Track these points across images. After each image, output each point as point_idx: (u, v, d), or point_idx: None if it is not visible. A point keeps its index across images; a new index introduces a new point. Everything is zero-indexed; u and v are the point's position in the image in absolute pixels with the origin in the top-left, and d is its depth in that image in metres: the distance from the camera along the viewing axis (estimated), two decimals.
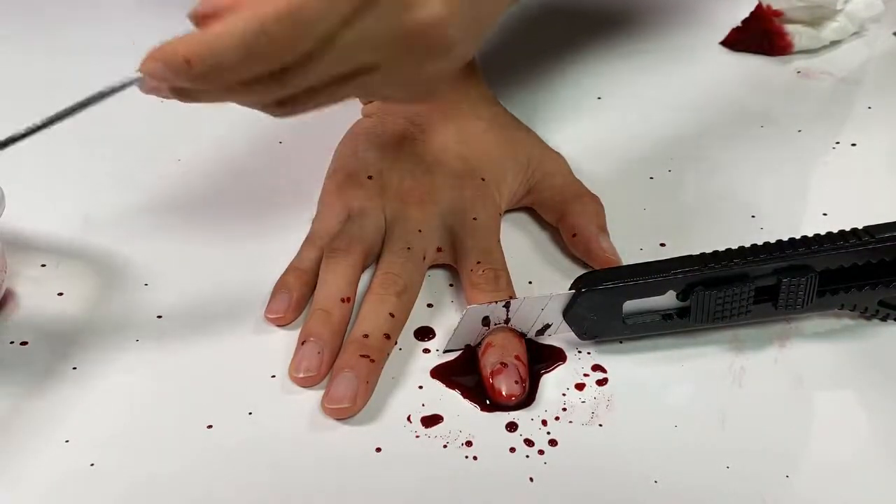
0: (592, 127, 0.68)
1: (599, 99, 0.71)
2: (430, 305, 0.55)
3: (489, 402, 0.50)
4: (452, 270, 0.57)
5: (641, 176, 0.64)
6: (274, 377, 0.51)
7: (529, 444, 0.48)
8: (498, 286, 0.54)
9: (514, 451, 0.48)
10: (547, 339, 0.53)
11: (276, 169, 0.65)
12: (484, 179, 0.58)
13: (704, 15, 0.79)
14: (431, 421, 0.49)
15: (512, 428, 0.49)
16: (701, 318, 0.51)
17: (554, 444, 0.48)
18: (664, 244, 0.58)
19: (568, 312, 0.51)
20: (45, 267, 0.57)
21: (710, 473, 0.47)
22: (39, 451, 0.48)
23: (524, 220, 0.61)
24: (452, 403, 0.50)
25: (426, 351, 0.53)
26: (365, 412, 0.49)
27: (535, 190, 0.60)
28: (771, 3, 0.75)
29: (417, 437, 0.49)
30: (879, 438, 0.49)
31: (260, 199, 0.62)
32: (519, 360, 0.51)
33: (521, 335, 0.52)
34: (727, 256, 0.50)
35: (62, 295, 0.55)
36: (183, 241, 0.59)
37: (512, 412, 0.49)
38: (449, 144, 0.59)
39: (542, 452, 0.48)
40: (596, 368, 0.52)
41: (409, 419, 0.49)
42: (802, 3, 0.74)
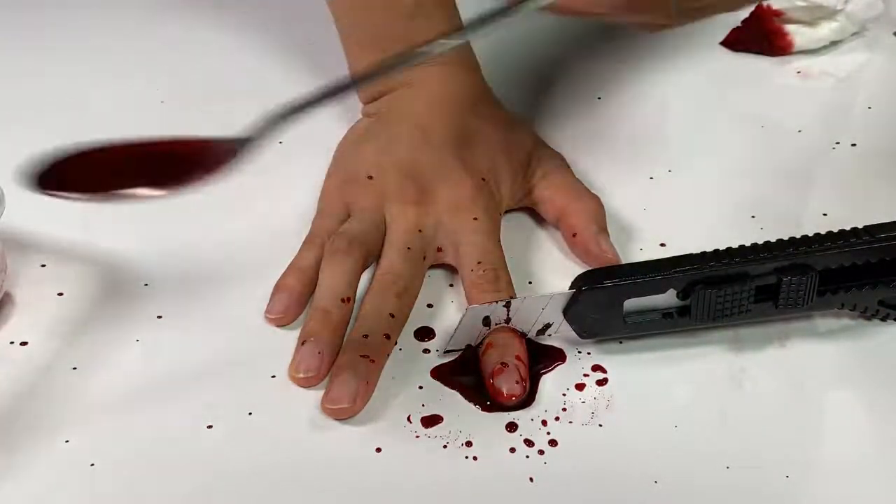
0: (592, 127, 0.68)
1: (599, 99, 0.71)
2: (430, 305, 0.55)
3: (489, 402, 0.50)
4: (452, 270, 0.57)
5: (641, 176, 0.64)
6: (274, 377, 0.51)
7: (529, 444, 0.48)
8: (498, 286, 0.53)
9: (514, 451, 0.48)
10: (547, 339, 0.53)
11: (275, 169, 0.64)
12: (484, 179, 0.58)
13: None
14: (431, 421, 0.49)
15: (512, 428, 0.49)
16: (701, 316, 0.51)
17: (554, 444, 0.48)
18: (664, 244, 0.58)
19: (568, 311, 0.51)
20: (45, 267, 0.57)
21: (710, 473, 0.47)
22: (39, 451, 0.48)
23: (524, 220, 0.61)
24: (452, 403, 0.50)
25: (426, 351, 0.53)
26: (365, 412, 0.49)
27: (535, 190, 0.60)
28: (771, 3, 0.75)
29: (417, 437, 0.48)
30: (880, 438, 0.49)
31: (260, 199, 0.62)
32: (519, 360, 0.51)
33: (521, 335, 0.52)
34: (727, 255, 0.50)
35: (62, 295, 0.55)
36: (183, 241, 0.59)
37: (512, 412, 0.49)
38: (449, 144, 0.59)
39: (542, 453, 0.48)
40: (596, 368, 0.52)
41: (409, 419, 0.49)
42: (802, 2, 0.74)
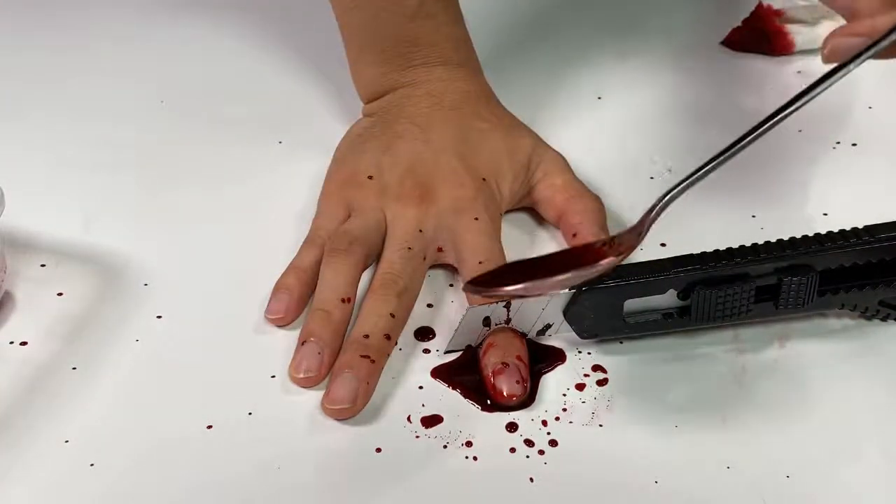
0: (592, 127, 0.68)
1: (599, 99, 0.71)
2: (430, 305, 0.55)
3: (490, 402, 0.50)
4: (453, 270, 0.57)
5: (641, 176, 0.64)
6: (274, 377, 0.51)
7: (529, 444, 0.48)
8: None
9: (514, 451, 0.48)
10: (547, 339, 0.53)
11: (276, 169, 0.64)
12: (485, 179, 0.58)
13: (704, 15, 0.79)
14: (431, 421, 0.49)
15: (512, 428, 0.49)
16: (701, 317, 0.51)
17: (554, 444, 0.48)
18: (664, 244, 0.58)
19: (568, 311, 0.51)
20: (45, 267, 0.57)
21: (710, 473, 0.47)
22: (39, 451, 0.48)
23: (524, 220, 0.61)
24: (452, 403, 0.50)
25: (426, 351, 0.53)
26: (365, 412, 0.49)
27: (535, 190, 0.60)
28: (771, 2, 0.75)
29: (417, 437, 0.48)
30: (880, 438, 0.49)
31: (260, 199, 0.62)
32: (520, 360, 0.51)
33: (521, 335, 0.52)
34: (728, 256, 0.50)
35: (62, 295, 0.55)
36: (183, 241, 0.59)
37: (512, 412, 0.49)
38: (449, 144, 0.59)
39: (542, 453, 0.48)
40: (596, 368, 0.52)
41: (409, 419, 0.49)
42: (803, 2, 0.74)
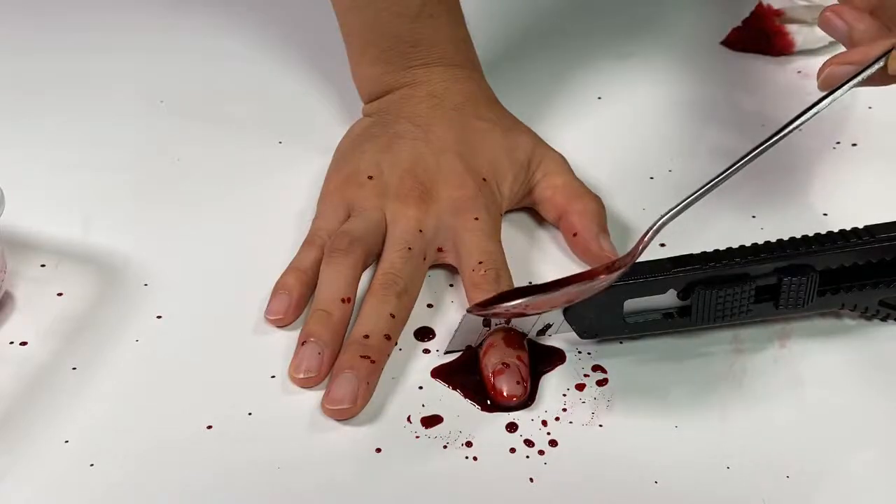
0: (592, 127, 0.68)
1: (599, 99, 0.71)
2: (430, 306, 0.55)
3: (490, 402, 0.50)
4: (452, 270, 0.57)
5: (641, 176, 0.64)
6: (274, 377, 0.51)
7: (529, 444, 0.48)
8: (499, 286, 0.53)
9: (514, 451, 0.48)
10: (547, 339, 0.53)
11: (276, 169, 0.64)
12: (485, 179, 0.58)
13: (704, 15, 0.79)
14: (431, 421, 0.49)
15: (512, 428, 0.49)
16: (702, 317, 0.51)
17: (554, 444, 0.48)
18: (664, 244, 0.58)
19: (568, 311, 0.51)
20: (45, 267, 0.57)
21: (710, 473, 0.47)
22: (39, 451, 0.48)
23: (524, 220, 0.61)
24: (452, 404, 0.50)
25: (426, 351, 0.53)
26: (365, 412, 0.49)
27: (535, 190, 0.60)
28: (771, 2, 0.75)
29: (417, 437, 0.48)
30: (879, 438, 0.49)
31: (260, 199, 0.62)
32: (520, 360, 0.51)
33: (521, 335, 0.52)
34: (728, 256, 0.50)
35: (62, 295, 0.55)
36: (183, 241, 0.59)
37: (512, 412, 0.49)
38: (450, 144, 0.59)
39: (542, 453, 0.48)
40: (596, 368, 0.52)
41: (409, 419, 0.49)
42: (803, 2, 0.74)
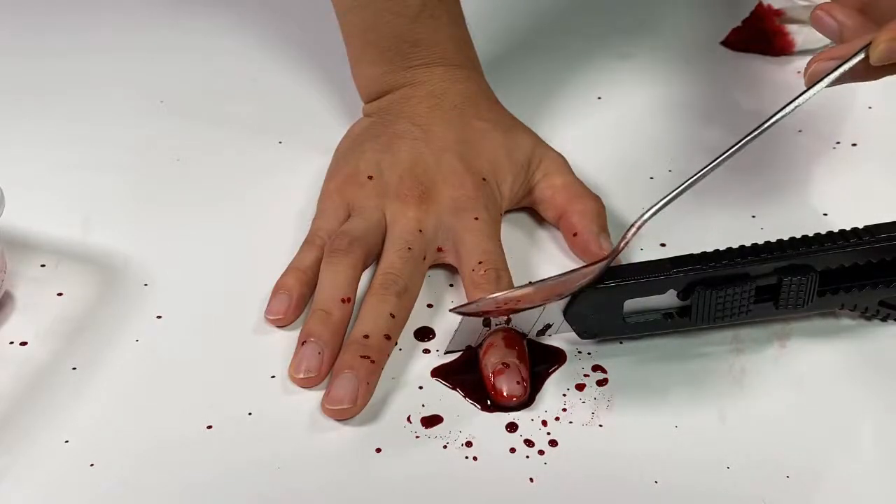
0: (592, 127, 0.68)
1: (599, 99, 0.71)
2: (430, 305, 0.55)
3: (490, 402, 0.50)
4: (452, 270, 0.57)
5: (641, 176, 0.64)
6: (274, 377, 0.51)
7: (529, 444, 0.48)
8: (499, 286, 0.53)
9: (514, 451, 0.48)
10: (547, 339, 0.53)
11: (276, 169, 0.65)
12: (485, 179, 0.58)
13: (704, 15, 0.79)
14: (431, 421, 0.49)
15: (512, 428, 0.49)
16: (701, 317, 0.51)
17: (554, 444, 0.48)
18: (664, 244, 0.58)
19: (568, 311, 0.51)
20: (45, 267, 0.57)
21: (710, 473, 0.47)
22: (39, 451, 0.48)
23: (524, 220, 0.61)
24: (452, 404, 0.50)
25: (426, 351, 0.53)
26: (365, 412, 0.49)
27: (535, 190, 0.60)
28: (771, 2, 0.75)
29: (417, 437, 0.49)
30: (879, 438, 0.49)
31: (260, 199, 0.62)
32: (520, 360, 0.51)
33: (521, 335, 0.52)
34: (728, 256, 0.50)
35: (62, 295, 0.55)
36: (183, 241, 0.59)
37: (512, 412, 0.49)
38: (450, 144, 0.59)
39: (542, 453, 0.48)
40: (596, 368, 0.52)
41: (409, 419, 0.49)
42: (803, 2, 0.74)
